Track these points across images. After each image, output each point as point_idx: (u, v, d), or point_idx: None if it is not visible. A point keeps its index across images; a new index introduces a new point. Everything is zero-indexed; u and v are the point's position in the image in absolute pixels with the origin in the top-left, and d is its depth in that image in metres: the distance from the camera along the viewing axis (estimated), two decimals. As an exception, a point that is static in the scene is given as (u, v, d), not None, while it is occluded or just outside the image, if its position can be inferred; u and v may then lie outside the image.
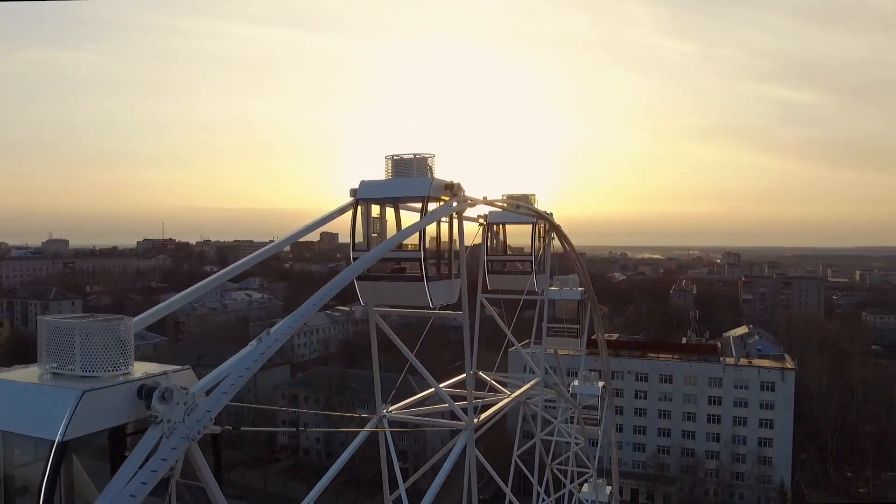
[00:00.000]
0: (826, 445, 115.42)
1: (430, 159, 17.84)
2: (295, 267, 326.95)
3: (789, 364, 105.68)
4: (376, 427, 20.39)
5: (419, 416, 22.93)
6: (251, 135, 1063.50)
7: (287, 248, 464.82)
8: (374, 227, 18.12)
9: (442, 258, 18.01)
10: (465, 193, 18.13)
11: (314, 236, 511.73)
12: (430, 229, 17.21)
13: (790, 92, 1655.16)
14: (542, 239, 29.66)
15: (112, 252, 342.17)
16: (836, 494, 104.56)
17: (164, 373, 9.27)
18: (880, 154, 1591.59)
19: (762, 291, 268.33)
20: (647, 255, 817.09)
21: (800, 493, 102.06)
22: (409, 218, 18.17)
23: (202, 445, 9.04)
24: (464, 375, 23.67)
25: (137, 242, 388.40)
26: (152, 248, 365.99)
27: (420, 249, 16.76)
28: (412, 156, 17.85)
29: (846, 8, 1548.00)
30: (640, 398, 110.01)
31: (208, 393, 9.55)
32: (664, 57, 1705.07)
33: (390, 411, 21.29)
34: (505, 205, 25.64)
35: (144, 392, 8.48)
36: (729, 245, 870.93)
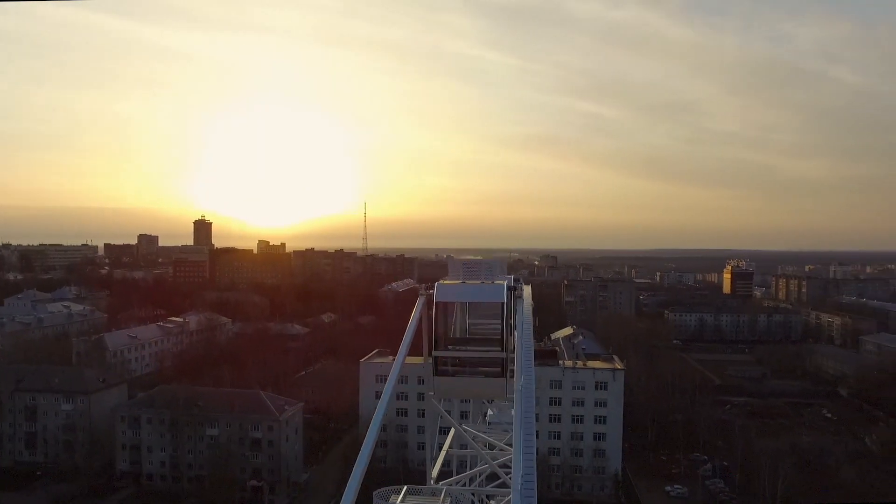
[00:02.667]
0: (646, 434, 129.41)
1: (494, 265, 20.09)
2: (115, 273, 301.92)
3: (618, 364, 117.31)
4: None
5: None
6: (53, 126, 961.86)
7: (102, 252, 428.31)
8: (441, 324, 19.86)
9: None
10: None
11: (132, 239, 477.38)
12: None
13: (598, 107, 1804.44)
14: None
15: None
16: (655, 477, 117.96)
17: None
18: (671, 167, 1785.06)
19: (582, 294, 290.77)
20: (470, 257, 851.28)
21: (627, 479, 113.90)
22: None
23: None
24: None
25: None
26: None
27: (504, 350, 18.77)
28: (480, 259, 19.95)
29: (644, 35, 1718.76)
30: (488, 402, 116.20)
31: None
32: (486, 68, 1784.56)
33: (443, 484, 22.03)
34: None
35: None
36: (546, 247, 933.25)
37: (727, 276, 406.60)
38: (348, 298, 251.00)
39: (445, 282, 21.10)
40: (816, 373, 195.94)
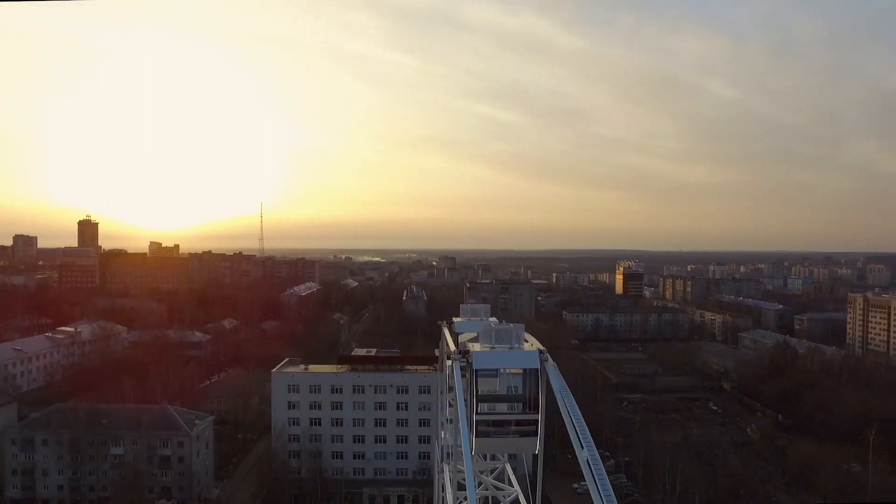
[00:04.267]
0: (553, 433, 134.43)
1: (520, 330, 21.84)
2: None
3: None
4: None
5: None
6: None
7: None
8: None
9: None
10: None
11: (7, 240, 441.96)
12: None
13: (496, 111, 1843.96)
14: None
15: None
16: (563, 475, 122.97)
17: None
18: (562, 170, 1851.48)
19: (484, 296, 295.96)
20: (368, 258, 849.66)
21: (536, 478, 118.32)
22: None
23: None
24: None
25: None
26: None
27: (540, 413, 20.29)
28: (510, 326, 21.46)
29: (537, 42, 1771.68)
30: (402, 409, 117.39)
31: None
32: (385, 68, 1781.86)
33: None
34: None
35: None
36: (444, 248, 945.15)
37: (619, 278, 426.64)
38: (249, 303, 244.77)
39: (475, 347, 22.51)
40: (703, 368, 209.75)
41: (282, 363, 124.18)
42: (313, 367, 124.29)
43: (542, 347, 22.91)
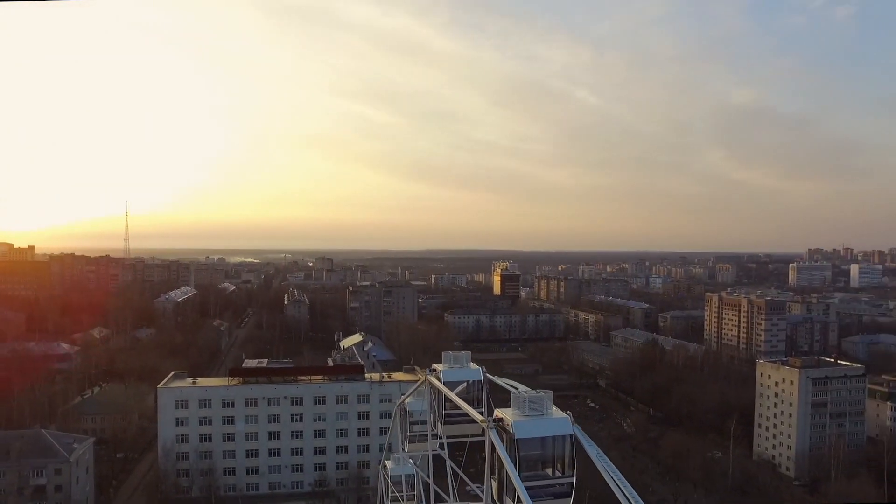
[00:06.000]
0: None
1: (549, 398, 23.30)
2: None
3: (420, 376, 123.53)
4: None
5: None
6: None
7: None
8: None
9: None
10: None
11: None
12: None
13: (371, 110, 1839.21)
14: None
15: None
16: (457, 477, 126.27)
17: None
18: (437, 171, 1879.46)
19: (367, 300, 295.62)
20: (241, 259, 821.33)
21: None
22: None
23: None
24: None
25: None
26: None
27: (574, 475, 21.67)
28: (541, 394, 22.80)
29: (412, 45, 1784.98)
30: (297, 421, 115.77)
31: None
32: (260, 63, 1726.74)
33: None
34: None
35: None
36: (319, 248, 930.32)
37: (497, 279, 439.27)
38: (121, 310, 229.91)
39: (507, 415, 23.65)
40: (580, 367, 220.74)
41: (168, 377, 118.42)
42: (202, 381, 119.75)
43: (568, 413, 24.74)
